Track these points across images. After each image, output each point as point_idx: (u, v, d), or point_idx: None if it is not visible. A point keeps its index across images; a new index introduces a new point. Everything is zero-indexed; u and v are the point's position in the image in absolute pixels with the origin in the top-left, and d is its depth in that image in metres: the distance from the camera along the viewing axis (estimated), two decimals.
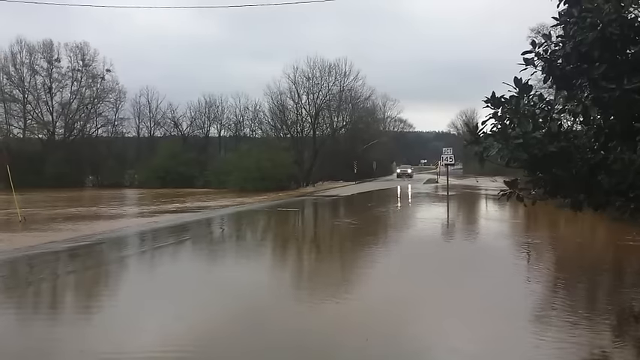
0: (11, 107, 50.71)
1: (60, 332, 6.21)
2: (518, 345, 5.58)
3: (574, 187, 5.20)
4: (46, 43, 50.66)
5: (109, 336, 5.93)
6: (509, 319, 6.44)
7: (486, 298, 7.43)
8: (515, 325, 6.21)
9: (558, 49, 5.24)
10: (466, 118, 77.17)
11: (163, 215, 20.15)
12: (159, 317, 6.63)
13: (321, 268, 10.35)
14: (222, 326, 6.28)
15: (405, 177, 63.60)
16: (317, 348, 5.51)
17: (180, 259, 11.51)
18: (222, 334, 5.96)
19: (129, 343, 5.66)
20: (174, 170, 44.18)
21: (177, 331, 6.02)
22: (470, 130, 5.18)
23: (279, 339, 5.78)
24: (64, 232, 14.78)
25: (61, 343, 5.71)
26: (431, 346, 5.60)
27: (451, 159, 33.55)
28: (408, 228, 17.09)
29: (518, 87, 5.08)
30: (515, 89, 5.09)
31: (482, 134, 5.07)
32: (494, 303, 7.19)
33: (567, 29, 5.14)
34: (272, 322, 6.40)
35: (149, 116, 56.24)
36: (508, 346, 5.57)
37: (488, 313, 6.67)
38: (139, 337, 5.90)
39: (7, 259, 10.94)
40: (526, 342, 5.61)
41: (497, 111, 5.03)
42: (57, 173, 44.43)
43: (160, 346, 5.51)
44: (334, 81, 50.30)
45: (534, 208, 5.87)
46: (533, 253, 11.77)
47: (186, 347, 5.47)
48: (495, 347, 5.55)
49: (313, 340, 5.73)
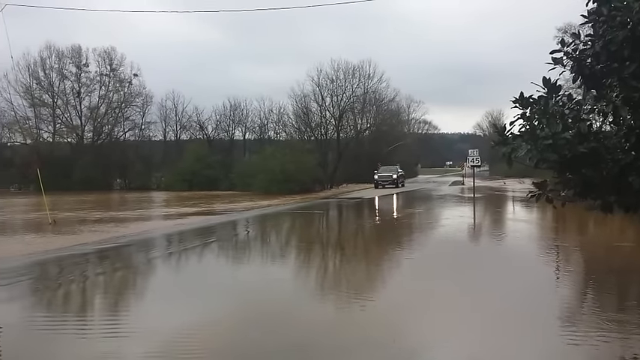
0: (41, 112, 51.88)
1: (87, 332, 6.30)
2: (547, 347, 5.50)
3: (604, 188, 5.11)
4: (75, 48, 51.73)
5: (134, 337, 6.01)
6: (538, 321, 6.35)
7: (514, 300, 7.34)
8: (544, 327, 6.12)
9: (587, 48, 5.16)
10: (492, 119, 76.53)
11: (190, 218, 20.36)
12: (184, 318, 6.69)
13: (346, 270, 10.34)
14: (247, 326, 6.31)
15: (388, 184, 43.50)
16: (342, 348, 5.50)
17: (207, 260, 11.61)
18: (247, 335, 5.98)
19: (150, 344, 5.73)
20: (200, 173, 44.63)
21: (203, 332, 6.07)
22: (497, 131, 5.12)
23: (304, 338, 5.79)
24: (93, 234, 15.04)
25: (87, 341, 5.81)
26: (461, 348, 5.55)
27: (477, 160, 33.18)
28: (433, 230, 16.97)
29: (547, 87, 5.01)
30: (544, 89, 5.03)
31: (510, 135, 5.02)
32: (522, 304, 7.10)
33: (596, 28, 5.06)
34: (297, 321, 6.41)
35: (175, 120, 56.97)
36: (537, 349, 5.49)
37: (515, 315, 6.59)
38: (157, 338, 5.96)
39: (38, 260, 11.17)
40: (555, 344, 5.53)
41: (526, 111, 4.97)
42: (85, 176, 45.30)
43: (187, 347, 5.57)
44: (358, 83, 50.30)
45: (563, 210, 5.79)
46: (563, 255, 11.60)
47: (213, 346, 5.52)
48: (522, 350, 5.48)
49: (338, 340, 5.72)
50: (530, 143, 4.77)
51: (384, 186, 43.07)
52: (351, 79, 49.81)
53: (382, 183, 43.80)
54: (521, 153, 4.85)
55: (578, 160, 4.75)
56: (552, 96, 5.00)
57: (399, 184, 44.50)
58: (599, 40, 4.97)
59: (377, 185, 43.83)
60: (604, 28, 4.91)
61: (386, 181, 43.96)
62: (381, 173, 45.11)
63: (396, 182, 44.19)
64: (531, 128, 4.88)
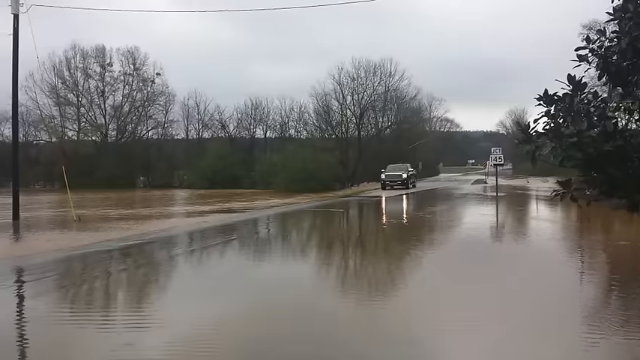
0: (66, 110, 52.84)
1: (109, 327, 6.39)
2: (571, 346, 5.44)
3: (630, 187, 5.02)
4: (99, 48, 52.61)
5: (155, 330, 6.08)
6: (561, 320, 6.28)
7: (538, 298, 7.26)
8: (568, 325, 6.05)
9: (613, 45, 5.08)
10: (516, 116, 75.76)
11: (211, 215, 20.53)
12: (204, 313, 6.75)
13: (368, 267, 10.32)
14: (267, 322, 6.34)
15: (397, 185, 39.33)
16: (363, 346, 5.50)
17: (228, 257, 11.69)
18: (266, 330, 6.01)
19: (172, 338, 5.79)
20: (222, 171, 45.04)
21: (222, 327, 6.12)
22: (521, 129, 5.05)
23: (326, 337, 5.80)
24: (117, 232, 15.25)
25: (109, 333, 5.89)
26: (486, 346, 5.51)
27: (500, 159, 32.89)
28: (455, 229, 16.86)
29: (572, 84, 4.94)
30: (569, 86, 4.96)
31: (534, 133, 4.96)
32: (546, 303, 7.02)
33: (622, 25, 4.97)
34: (318, 319, 6.42)
35: (197, 118, 57.51)
36: (561, 347, 5.43)
37: (539, 314, 6.52)
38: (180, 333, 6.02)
39: (64, 257, 11.37)
40: (579, 342, 5.47)
41: (550, 109, 4.91)
42: (109, 174, 46.00)
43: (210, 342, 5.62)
44: (379, 81, 50.34)
45: (588, 210, 5.70)
46: (587, 254, 11.44)
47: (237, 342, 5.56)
48: (546, 347, 5.42)
49: (358, 337, 5.72)
50: (554, 141, 4.71)
51: (392, 187, 38.88)
52: (372, 77, 49.88)
53: (390, 183, 39.51)
54: (546, 151, 4.79)
55: (603, 158, 4.68)
56: (577, 93, 4.93)
57: (409, 184, 40.21)
58: (625, 36, 4.88)
59: (384, 186, 39.42)
60: (630, 25, 4.83)
61: (394, 182, 39.62)
62: (388, 173, 40.53)
63: (406, 183, 39.81)
64: (556, 126, 4.82)
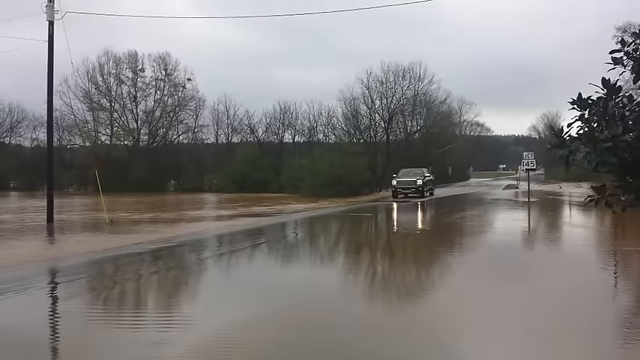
0: (99, 115, 53.98)
1: (140, 327, 6.46)
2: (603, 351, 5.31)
3: None
4: (131, 54, 53.65)
5: (184, 330, 6.13)
6: (595, 325, 6.13)
7: (571, 307, 7.11)
8: (600, 332, 5.91)
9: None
10: (548, 120, 74.60)
11: (241, 219, 20.69)
12: (232, 315, 6.78)
13: (396, 273, 10.25)
14: (294, 326, 6.33)
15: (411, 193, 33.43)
16: (391, 353, 5.45)
17: (256, 261, 11.74)
18: (293, 334, 6.01)
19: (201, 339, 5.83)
20: (250, 175, 45.41)
21: (249, 329, 6.14)
22: (554, 133, 4.96)
23: (352, 341, 5.77)
24: (148, 234, 15.48)
25: (140, 333, 5.96)
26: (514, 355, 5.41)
27: (532, 164, 32.34)
28: (485, 234, 16.62)
29: (606, 88, 4.83)
30: (603, 90, 4.85)
31: (567, 137, 4.87)
32: (578, 312, 6.87)
33: None
34: (344, 325, 6.39)
35: (227, 123, 58.10)
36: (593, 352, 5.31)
37: (571, 324, 6.38)
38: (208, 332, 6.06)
39: (97, 259, 11.58)
40: (612, 349, 5.33)
41: (584, 113, 4.81)
42: (141, 178, 46.81)
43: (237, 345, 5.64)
44: (408, 85, 50.11)
45: (623, 216, 5.57)
46: (621, 260, 11.17)
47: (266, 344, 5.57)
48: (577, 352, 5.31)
49: (386, 344, 5.68)
50: (588, 146, 4.61)
51: (405, 195, 33.25)
52: (401, 81, 49.70)
53: (403, 191, 33.59)
54: (580, 156, 4.70)
55: (639, 163, 4.57)
56: (612, 97, 4.82)
57: (425, 192, 34.21)
58: None
59: (395, 194, 33.58)
60: None
61: (408, 189, 33.75)
62: (400, 178, 34.59)
63: (422, 190, 33.84)
64: (590, 130, 4.72)
